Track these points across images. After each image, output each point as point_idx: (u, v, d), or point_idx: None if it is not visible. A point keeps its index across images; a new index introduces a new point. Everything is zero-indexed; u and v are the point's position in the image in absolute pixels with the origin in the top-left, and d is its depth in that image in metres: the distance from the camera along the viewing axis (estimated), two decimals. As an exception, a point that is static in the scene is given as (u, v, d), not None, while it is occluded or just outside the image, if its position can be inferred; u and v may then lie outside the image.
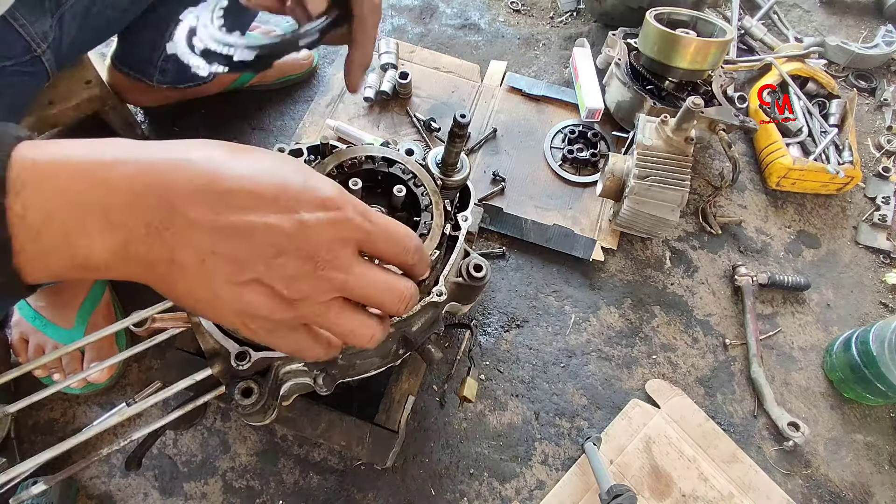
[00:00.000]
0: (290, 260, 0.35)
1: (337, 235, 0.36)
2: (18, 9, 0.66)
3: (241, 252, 0.34)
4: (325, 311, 0.38)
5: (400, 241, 0.40)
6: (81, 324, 0.92)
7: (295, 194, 0.35)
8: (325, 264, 0.36)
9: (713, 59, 1.08)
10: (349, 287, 0.38)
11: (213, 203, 0.33)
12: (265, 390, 0.59)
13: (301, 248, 0.35)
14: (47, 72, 0.76)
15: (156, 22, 0.94)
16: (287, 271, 0.35)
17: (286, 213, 0.34)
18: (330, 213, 0.36)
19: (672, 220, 1.00)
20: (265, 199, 0.34)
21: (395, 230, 0.40)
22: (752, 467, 0.95)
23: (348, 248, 0.37)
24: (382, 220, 0.39)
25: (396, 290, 0.40)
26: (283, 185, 0.35)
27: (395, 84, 1.23)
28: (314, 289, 0.36)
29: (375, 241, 0.39)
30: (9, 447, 0.87)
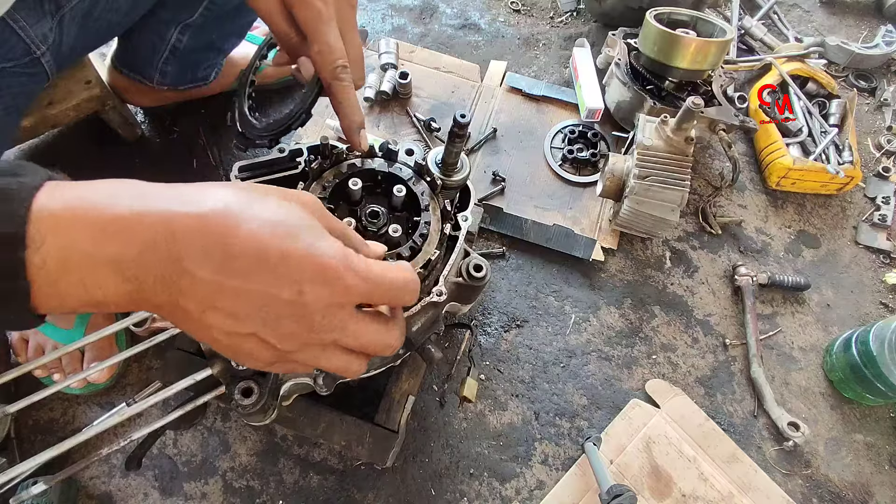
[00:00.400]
0: (286, 323, 0.38)
1: (334, 302, 0.39)
2: (18, 11, 0.66)
3: (240, 311, 0.37)
4: (316, 356, 0.41)
5: (397, 294, 0.42)
6: (81, 324, 0.92)
7: (297, 263, 0.37)
8: (320, 328, 0.39)
9: (713, 59, 1.08)
10: (342, 342, 0.41)
11: (219, 264, 0.35)
12: (265, 390, 0.59)
13: (297, 314, 0.38)
14: (47, 73, 0.76)
15: (156, 25, 0.94)
16: (282, 331, 0.38)
17: (286, 283, 0.37)
18: (328, 285, 0.38)
19: (672, 220, 1.00)
20: (268, 267, 0.36)
21: (393, 285, 0.42)
22: (752, 467, 0.95)
23: (344, 311, 0.40)
24: (381, 275, 0.41)
25: (385, 342, 0.43)
26: (286, 254, 0.36)
27: (395, 84, 1.23)
28: (307, 345, 0.40)
29: (373, 297, 0.41)
30: (9, 447, 0.87)
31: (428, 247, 0.63)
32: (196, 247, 0.35)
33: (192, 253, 0.35)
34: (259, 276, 0.36)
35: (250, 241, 0.36)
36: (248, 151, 1.12)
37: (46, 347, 0.90)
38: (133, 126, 1.14)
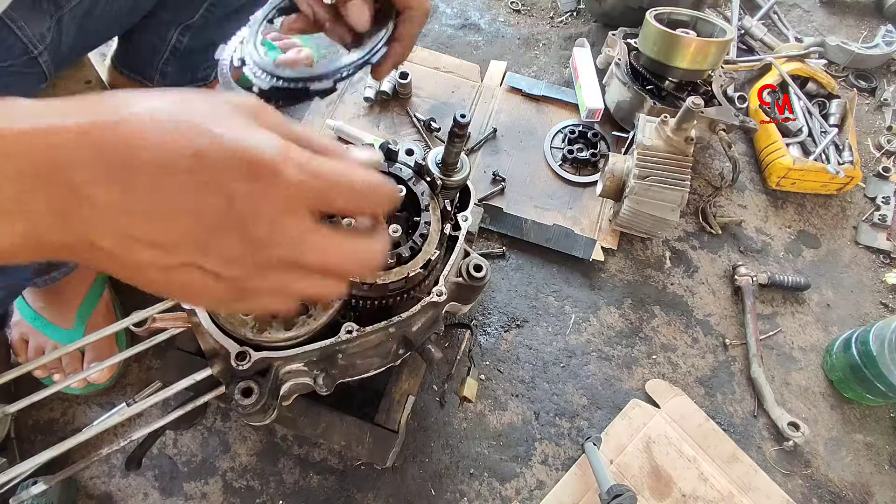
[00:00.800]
0: (223, 242, 0.30)
1: (278, 207, 0.30)
2: (16, 10, 0.66)
3: (164, 237, 0.29)
4: (278, 283, 0.33)
5: (365, 195, 0.34)
6: (81, 324, 0.92)
7: (217, 161, 0.29)
8: (270, 243, 0.31)
9: (713, 59, 1.08)
10: (304, 260, 0.33)
11: (123, 182, 0.28)
12: (265, 390, 0.59)
13: (234, 227, 0.30)
14: (45, 73, 0.76)
15: (156, 26, 0.94)
16: (222, 254, 0.30)
17: (208, 190, 0.29)
18: (264, 184, 0.30)
19: (672, 220, 1.00)
20: (182, 173, 0.28)
21: (357, 182, 0.33)
22: (752, 467, 0.95)
23: (295, 217, 0.31)
24: (335, 170, 0.32)
25: (362, 256, 0.35)
26: (201, 153, 0.29)
27: (395, 84, 1.23)
28: (261, 268, 0.32)
29: (331, 199, 0.33)
30: (9, 447, 0.87)
31: (428, 247, 0.64)
32: (90, 165, 0.28)
33: (86, 173, 0.28)
34: (173, 187, 0.28)
35: (157, 146, 0.28)
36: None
37: (46, 347, 0.90)
38: (133, 126, 1.13)
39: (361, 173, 0.34)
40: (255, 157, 0.29)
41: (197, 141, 0.29)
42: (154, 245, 0.29)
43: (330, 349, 0.62)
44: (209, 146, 0.29)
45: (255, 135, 0.30)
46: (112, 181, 0.28)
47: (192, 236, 0.30)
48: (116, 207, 0.28)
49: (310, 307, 0.62)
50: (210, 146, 0.29)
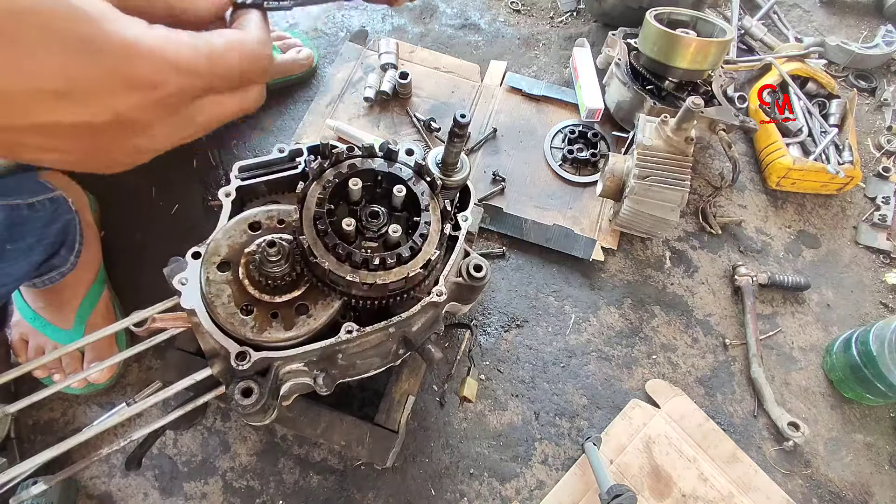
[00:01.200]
0: (112, 143, 0.31)
1: (164, 111, 0.31)
2: None
3: (47, 145, 0.30)
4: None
5: (245, 71, 0.35)
6: (80, 324, 0.92)
7: (89, 84, 0.29)
8: (159, 138, 0.33)
9: (713, 59, 1.08)
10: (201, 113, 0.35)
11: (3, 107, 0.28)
12: (265, 390, 0.59)
13: (123, 132, 0.31)
14: None
15: None
16: (116, 154, 0.32)
17: (86, 108, 0.29)
18: (148, 95, 0.30)
19: (672, 220, 1.00)
20: (53, 96, 0.28)
21: (236, 63, 0.34)
22: (752, 467, 0.95)
23: (184, 110, 0.33)
24: (217, 56, 0.33)
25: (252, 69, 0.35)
26: (66, 72, 0.28)
27: (395, 84, 1.23)
28: (147, 149, 0.34)
29: (216, 86, 0.34)
30: (9, 447, 0.88)
31: (428, 247, 0.63)
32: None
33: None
34: (49, 112, 0.28)
35: (14, 67, 0.27)
36: None
37: (46, 348, 0.90)
38: (133, 126, 1.14)
39: (229, 49, 0.34)
40: (130, 69, 0.29)
41: (59, 55, 0.28)
42: (39, 150, 0.30)
43: (330, 349, 0.62)
44: (75, 59, 0.28)
45: (120, 35, 0.29)
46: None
47: (84, 148, 0.31)
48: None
49: (310, 307, 0.62)
50: (76, 59, 0.28)
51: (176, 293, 0.62)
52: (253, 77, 0.36)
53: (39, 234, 0.80)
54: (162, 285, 0.64)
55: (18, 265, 0.77)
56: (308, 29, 1.38)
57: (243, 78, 0.35)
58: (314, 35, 1.36)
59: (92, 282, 0.95)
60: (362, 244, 0.63)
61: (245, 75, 0.35)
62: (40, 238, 0.81)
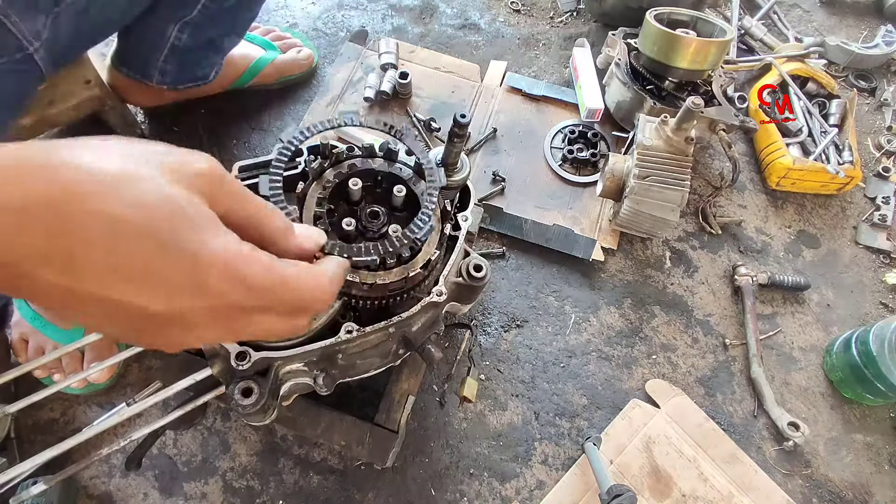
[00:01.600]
0: (159, 332, 0.32)
1: (216, 318, 0.33)
2: (11, 6, 0.66)
3: (100, 319, 0.31)
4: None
5: (301, 306, 0.36)
6: (81, 324, 0.91)
7: (165, 276, 0.30)
8: (204, 336, 0.34)
9: (713, 59, 1.08)
10: (238, 335, 0.36)
11: (65, 271, 0.28)
12: (265, 390, 0.59)
13: (173, 324, 0.32)
14: (41, 70, 0.76)
15: (155, 22, 0.94)
16: (161, 338, 0.33)
17: (154, 296, 0.30)
18: (209, 300, 0.31)
19: (672, 220, 1.00)
20: (129, 277, 0.29)
21: (298, 296, 0.36)
22: (752, 467, 0.95)
23: (235, 321, 0.34)
24: (283, 284, 0.34)
25: (289, 330, 0.38)
26: (149, 263, 0.29)
27: (395, 84, 1.23)
28: (187, 342, 0.34)
29: (272, 308, 0.35)
30: (9, 447, 0.87)
31: (428, 247, 0.63)
32: (32, 247, 0.27)
33: (27, 255, 0.27)
34: (120, 288, 0.29)
35: (104, 244, 0.28)
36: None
37: (46, 347, 0.90)
38: (133, 126, 1.14)
39: (305, 286, 0.36)
40: (205, 276, 0.31)
41: (154, 244, 0.29)
42: (90, 316, 0.31)
43: (330, 349, 0.62)
44: (165, 255, 0.29)
45: (214, 243, 0.31)
46: (55, 266, 0.28)
47: (128, 324, 0.31)
48: (58, 288, 0.29)
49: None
50: (166, 255, 0.29)
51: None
52: (307, 310, 0.37)
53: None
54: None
55: None
56: (308, 29, 1.38)
57: (301, 307, 0.36)
58: (314, 35, 1.36)
59: None
60: (362, 244, 0.63)
61: (303, 306, 0.36)
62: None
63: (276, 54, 1.23)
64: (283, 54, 1.24)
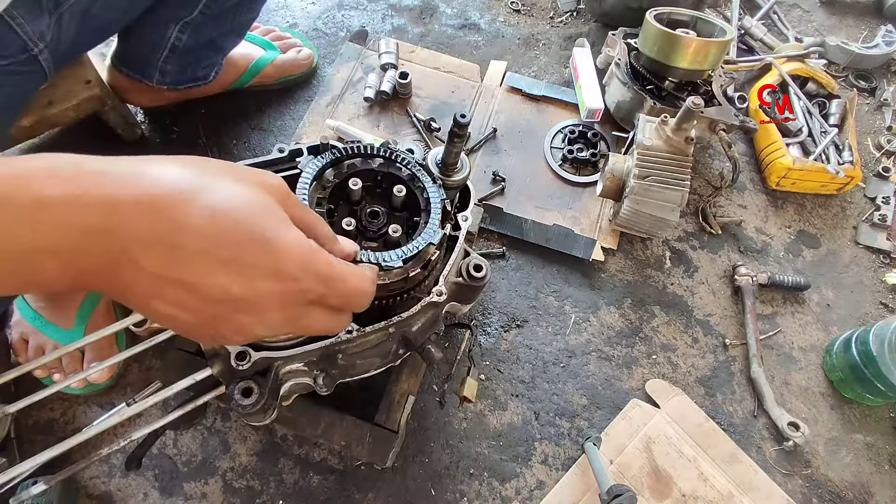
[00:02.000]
0: (234, 316, 0.36)
1: (288, 301, 0.37)
2: (16, 7, 0.66)
3: (187, 303, 0.35)
4: (260, 334, 0.39)
5: (350, 301, 0.42)
6: (81, 323, 0.92)
7: (252, 258, 0.35)
8: (269, 324, 0.37)
9: (713, 59, 1.08)
10: (290, 330, 0.40)
11: (166, 256, 0.33)
12: (265, 390, 0.59)
13: (247, 309, 0.36)
14: (45, 71, 0.76)
15: (156, 23, 0.94)
16: (230, 325, 0.37)
17: (238, 279, 0.35)
18: (284, 285, 0.36)
19: (672, 220, 1.00)
20: (220, 261, 0.34)
21: (350, 291, 0.41)
22: (752, 467, 0.95)
23: (297, 307, 0.38)
24: (341, 279, 0.40)
25: (334, 328, 0.43)
26: (239, 248, 0.34)
27: (395, 84, 1.23)
28: (253, 332, 0.38)
29: (326, 300, 0.40)
30: (9, 447, 0.87)
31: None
32: (140, 235, 0.32)
33: (135, 242, 0.32)
34: (209, 271, 0.34)
35: (201, 231, 0.33)
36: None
37: (46, 347, 0.90)
38: (133, 126, 1.14)
39: (356, 285, 0.41)
40: (284, 262, 0.36)
41: (241, 234, 0.35)
42: (176, 304, 0.35)
43: (330, 349, 0.62)
44: (251, 243, 0.35)
45: (288, 236, 0.37)
46: (157, 254, 0.33)
47: (210, 308, 0.35)
48: (157, 276, 0.34)
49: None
50: (252, 243, 0.35)
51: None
52: (354, 305, 0.43)
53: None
54: (162, 285, 0.64)
55: None
56: (308, 29, 1.38)
57: (349, 302, 0.42)
58: (314, 35, 1.36)
59: None
60: (362, 244, 0.63)
61: (352, 300, 0.42)
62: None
63: (276, 54, 1.23)
64: (283, 54, 1.24)
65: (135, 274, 0.33)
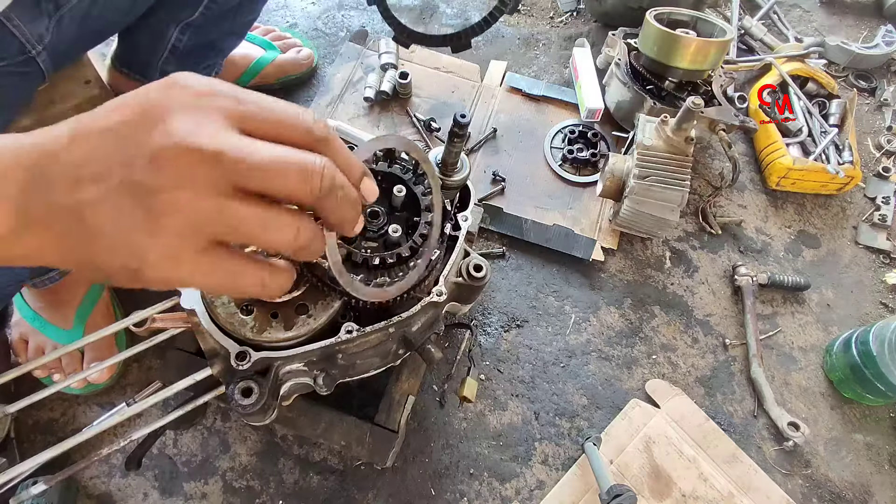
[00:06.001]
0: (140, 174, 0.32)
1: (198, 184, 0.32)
2: (14, 10, 0.66)
3: (100, 165, 0.32)
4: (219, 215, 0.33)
5: (287, 124, 0.38)
6: (80, 324, 0.92)
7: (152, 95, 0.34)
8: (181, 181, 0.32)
9: (713, 59, 1.08)
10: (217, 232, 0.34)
11: (76, 122, 0.33)
12: (265, 390, 0.59)
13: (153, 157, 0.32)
14: (42, 72, 0.76)
15: (156, 24, 0.94)
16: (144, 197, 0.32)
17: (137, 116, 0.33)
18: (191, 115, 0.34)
19: (672, 220, 1.00)
20: (124, 105, 0.34)
21: (281, 111, 0.37)
22: (752, 467, 0.95)
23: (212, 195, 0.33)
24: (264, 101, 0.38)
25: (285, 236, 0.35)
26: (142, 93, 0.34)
27: (395, 84, 1.23)
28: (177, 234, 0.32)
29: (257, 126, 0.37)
30: (9, 447, 0.87)
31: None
32: (62, 127, 0.32)
33: (56, 132, 0.32)
34: (114, 114, 0.33)
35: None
36: None
37: (46, 347, 0.90)
38: (133, 126, 1.13)
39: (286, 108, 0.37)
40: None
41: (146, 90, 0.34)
42: (95, 178, 0.32)
43: (330, 349, 0.62)
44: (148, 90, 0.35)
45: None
46: (69, 124, 0.33)
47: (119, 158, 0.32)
48: (70, 138, 0.32)
49: (310, 307, 0.62)
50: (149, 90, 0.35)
51: (176, 293, 0.62)
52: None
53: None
54: (162, 285, 0.64)
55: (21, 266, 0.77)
56: (308, 29, 1.38)
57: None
58: (314, 35, 1.36)
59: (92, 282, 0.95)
60: (362, 244, 0.63)
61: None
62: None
63: (276, 54, 1.23)
64: (283, 54, 1.24)
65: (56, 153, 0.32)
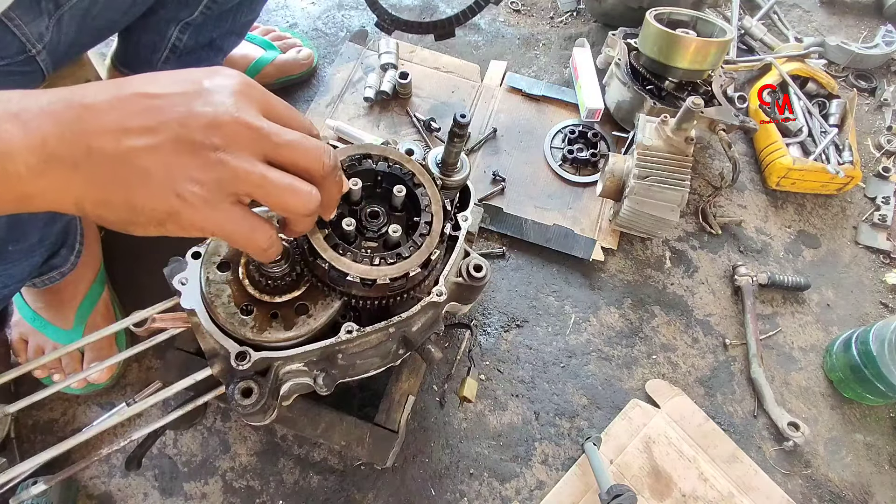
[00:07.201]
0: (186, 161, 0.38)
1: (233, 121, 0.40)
2: (14, 9, 0.66)
3: (152, 120, 0.38)
4: (246, 172, 0.40)
5: (306, 150, 0.44)
6: (80, 324, 0.92)
7: (194, 77, 0.41)
8: (220, 157, 0.39)
9: (713, 59, 1.08)
10: (238, 187, 0.41)
11: (118, 86, 0.38)
12: (265, 390, 0.59)
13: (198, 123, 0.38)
14: (42, 71, 0.76)
15: (156, 23, 0.94)
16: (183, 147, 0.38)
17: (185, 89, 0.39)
18: (232, 98, 0.40)
19: (672, 220, 1.00)
20: (162, 79, 0.40)
21: (302, 142, 0.44)
22: (752, 467, 0.95)
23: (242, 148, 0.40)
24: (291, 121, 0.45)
25: (300, 198, 0.44)
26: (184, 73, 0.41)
27: (395, 84, 1.23)
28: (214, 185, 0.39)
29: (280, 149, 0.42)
30: (9, 447, 0.87)
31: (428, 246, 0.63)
32: (94, 90, 0.38)
33: (90, 92, 0.38)
34: (157, 84, 0.39)
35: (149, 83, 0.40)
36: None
37: (46, 347, 0.90)
38: (133, 126, 1.13)
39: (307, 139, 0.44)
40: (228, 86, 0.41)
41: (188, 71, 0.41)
42: (144, 132, 0.38)
43: (330, 349, 0.62)
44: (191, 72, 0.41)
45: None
46: (109, 88, 0.39)
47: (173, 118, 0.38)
48: (112, 101, 0.38)
49: (310, 307, 0.62)
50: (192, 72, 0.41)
51: (176, 293, 0.62)
52: (308, 161, 0.45)
53: (41, 234, 0.80)
54: (162, 285, 0.64)
55: (20, 266, 0.77)
56: (308, 29, 1.38)
57: (300, 157, 0.44)
58: (314, 35, 1.36)
59: (92, 282, 0.95)
60: (362, 244, 0.63)
61: (311, 153, 0.45)
62: (42, 238, 0.81)
63: (276, 54, 1.23)
64: (283, 54, 1.24)
65: (94, 110, 0.38)
